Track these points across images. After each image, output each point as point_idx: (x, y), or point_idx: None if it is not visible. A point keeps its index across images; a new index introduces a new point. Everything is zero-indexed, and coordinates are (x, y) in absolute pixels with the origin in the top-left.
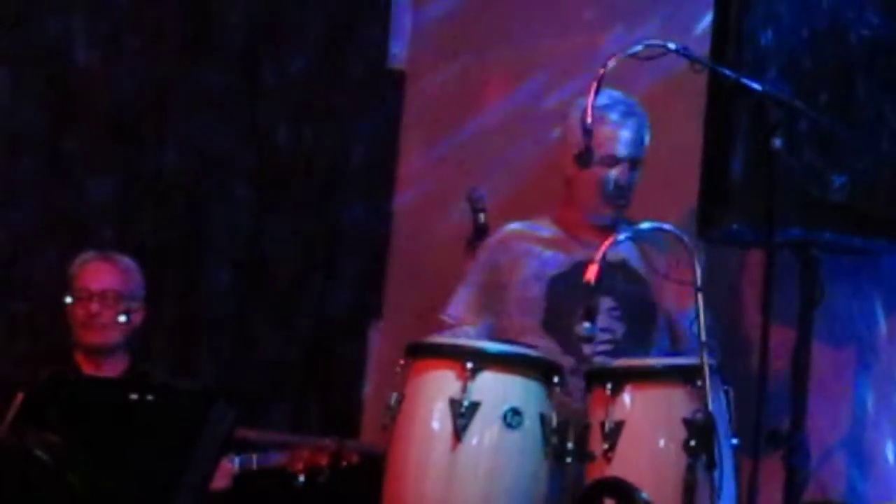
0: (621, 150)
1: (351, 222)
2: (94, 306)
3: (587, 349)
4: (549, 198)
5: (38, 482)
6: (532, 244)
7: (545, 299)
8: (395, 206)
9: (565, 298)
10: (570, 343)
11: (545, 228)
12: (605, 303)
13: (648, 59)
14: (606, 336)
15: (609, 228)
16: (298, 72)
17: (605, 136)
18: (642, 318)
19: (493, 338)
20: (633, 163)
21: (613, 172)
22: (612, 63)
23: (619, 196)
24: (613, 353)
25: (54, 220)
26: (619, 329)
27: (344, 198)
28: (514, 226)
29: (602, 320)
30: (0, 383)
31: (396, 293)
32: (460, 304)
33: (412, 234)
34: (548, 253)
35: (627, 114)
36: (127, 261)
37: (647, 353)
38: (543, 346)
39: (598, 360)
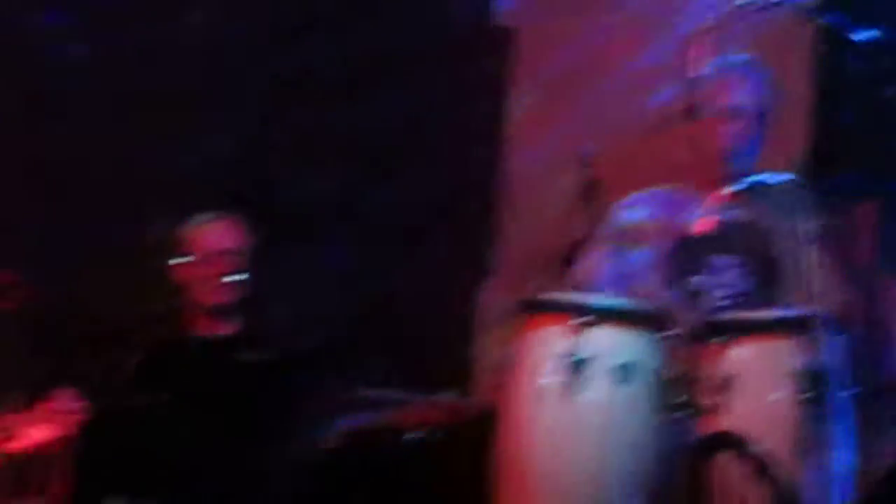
0: (733, 101)
1: (462, 180)
2: (214, 266)
3: (707, 304)
4: (663, 157)
5: (154, 440)
6: (663, 202)
7: (673, 255)
8: (505, 164)
9: (693, 255)
10: (692, 298)
11: (678, 187)
12: (729, 260)
13: (758, 8)
14: (728, 292)
15: (734, 181)
16: (405, 32)
17: (721, 88)
18: (766, 278)
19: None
20: (747, 116)
21: (726, 126)
22: (723, 15)
23: (732, 148)
24: (733, 310)
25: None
26: (742, 286)
27: (454, 155)
28: (639, 195)
29: (725, 277)
30: (116, 347)
31: (508, 250)
32: (588, 262)
33: (523, 191)
34: (678, 211)
35: (739, 67)
36: (237, 220)
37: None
38: (665, 302)
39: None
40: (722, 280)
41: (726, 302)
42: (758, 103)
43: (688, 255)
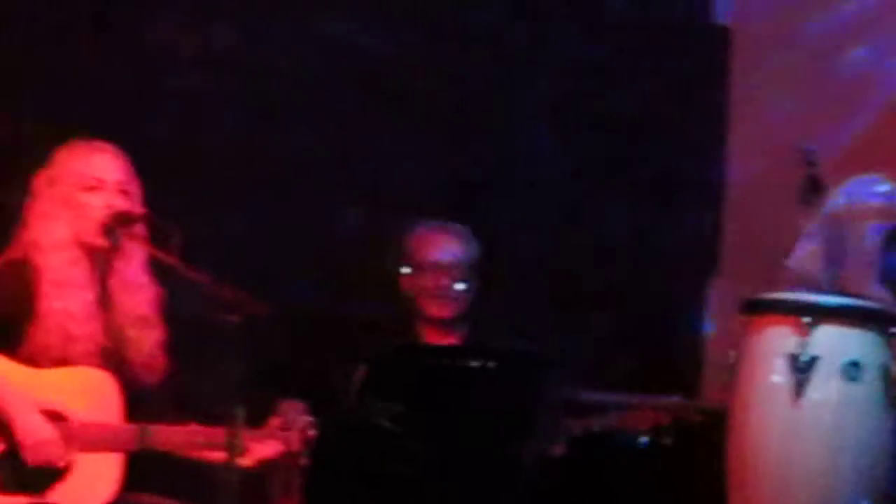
0: None
1: (685, 180)
2: (444, 278)
3: None
4: (884, 154)
5: (383, 451)
6: (871, 201)
7: (880, 253)
8: (728, 161)
9: None
10: None
11: (887, 181)
12: None
13: None
14: None
15: None
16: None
17: None
18: None
19: (834, 289)
20: None
21: None
22: None
23: None
24: None
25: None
26: None
27: (677, 154)
28: (855, 181)
29: None
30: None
31: (734, 250)
32: (803, 254)
33: (748, 191)
34: (886, 205)
35: None
36: (463, 229)
37: None
38: (878, 297)
39: None
40: None
41: None
42: None
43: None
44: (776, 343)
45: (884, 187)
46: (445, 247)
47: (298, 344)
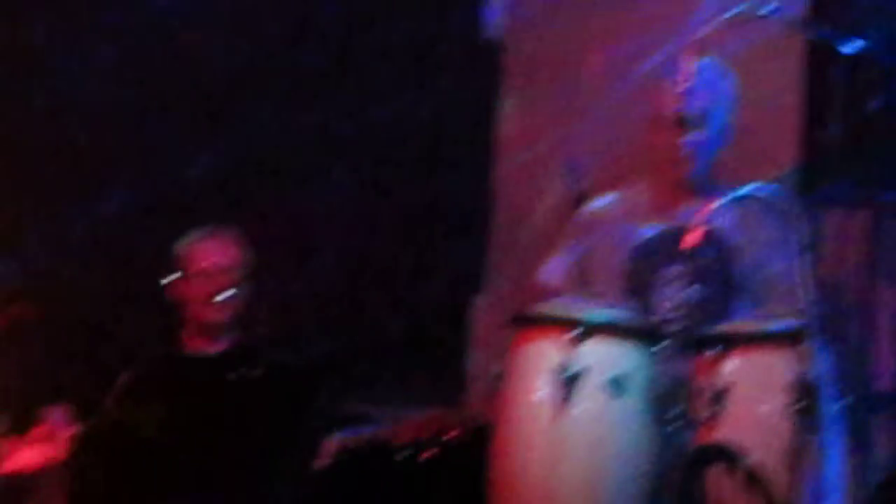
0: (677, 109)
1: (451, 195)
2: (213, 284)
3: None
4: (649, 165)
5: (142, 456)
6: (621, 213)
7: (626, 266)
8: (495, 178)
9: (644, 266)
10: (649, 310)
11: (636, 197)
12: (675, 269)
13: (745, 21)
14: (680, 305)
15: (691, 191)
16: (395, 45)
17: (666, 95)
18: (716, 283)
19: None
20: (695, 123)
21: (670, 131)
22: (709, 27)
23: (680, 155)
24: (684, 320)
25: (156, 200)
26: (695, 296)
27: (444, 171)
28: (605, 197)
29: (677, 288)
30: (107, 362)
31: (499, 265)
32: (555, 271)
33: (513, 206)
34: (635, 221)
35: (690, 75)
36: (234, 236)
37: (721, 320)
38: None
39: (672, 328)
40: (672, 291)
41: (673, 314)
42: (700, 109)
43: (641, 264)
44: (541, 357)
45: (631, 201)
46: (214, 253)
47: (63, 350)
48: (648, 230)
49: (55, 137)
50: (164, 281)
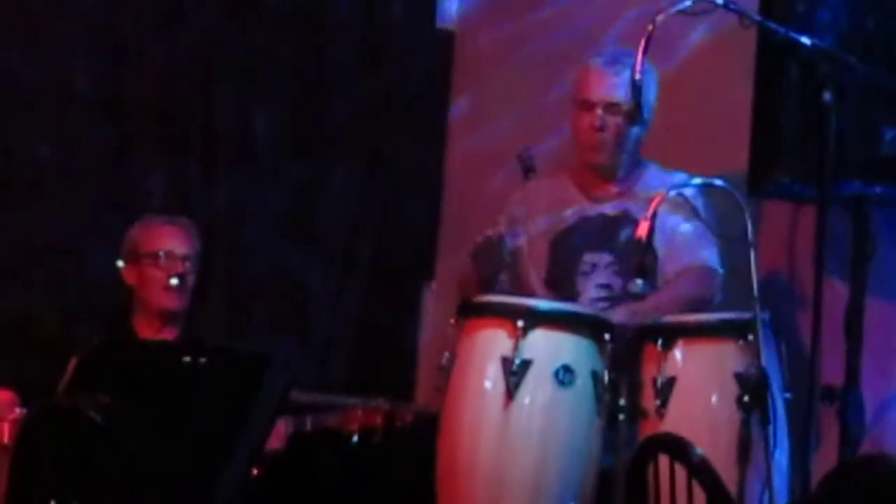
0: (594, 95)
1: (402, 184)
2: (169, 269)
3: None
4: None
5: (92, 443)
6: (545, 199)
7: (547, 256)
8: (446, 167)
9: (567, 253)
10: (569, 298)
11: (561, 183)
12: (603, 258)
13: (697, 14)
14: (603, 293)
15: (615, 178)
16: (347, 32)
17: (584, 81)
18: (649, 274)
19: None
20: (610, 108)
21: (588, 117)
22: (660, 18)
23: (596, 141)
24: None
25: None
26: (617, 284)
27: (395, 159)
28: (533, 183)
29: (600, 276)
30: (55, 348)
31: (449, 254)
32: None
33: (463, 196)
34: (558, 208)
35: (610, 62)
36: (187, 222)
37: None
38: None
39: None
40: (599, 279)
41: (600, 301)
42: (614, 95)
43: (568, 252)
44: (489, 346)
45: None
46: (169, 239)
47: (7, 334)
48: (565, 220)
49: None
50: (118, 264)
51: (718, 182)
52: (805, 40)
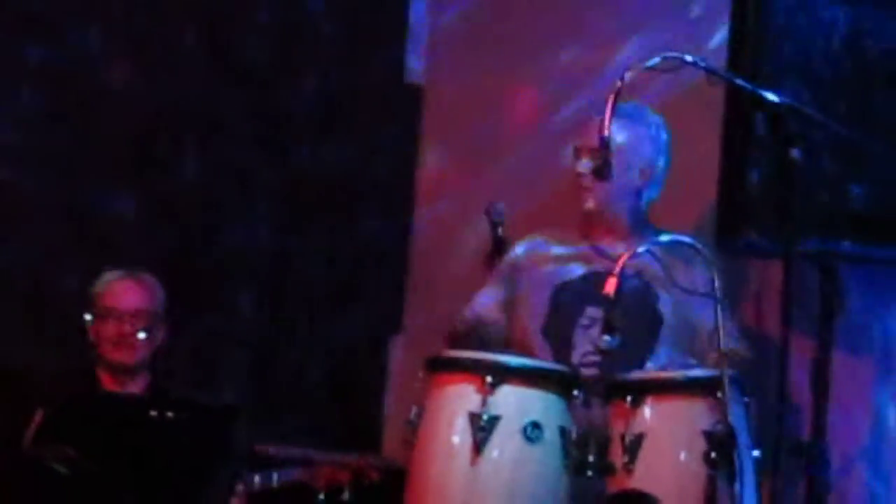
0: (581, 141)
1: (371, 238)
2: (124, 325)
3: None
4: (568, 209)
5: (56, 495)
6: (549, 253)
7: (548, 305)
8: (414, 221)
9: (567, 306)
10: (563, 351)
11: (565, 238)
12: (595, 312)
13: (666, 71)
14: (591, 348)
15: (614, 231)
16: (316, 89)
17: (581, 128)
18: (637, 329)
19: (507, 339)
20: (591, 154)
21: (575, 163)
22: (629, 75)
23: (579, 186)
24: (602, 365)
25: (77, 237)
26: (609, 342)
27: (364, 213)
28: (537, 236)
29: (593, 330)
30: (23, 399)
31: (417, 308)
32: (482, 303)
33: (432, 249)
34: (561, 261)
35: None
36: (150, 278)
37: (641, 365)
38: (539, 347)
39: (588, 371)
40: (592, 334)
41: (589, 357)
42: (624, 150)
43: (568, 305)
44: (458, 401)
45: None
46: (127, 294)
47: None
48: (571, 272)
49: None
50: (81, 320)
51: (687, 239)
52: (772, 97)
